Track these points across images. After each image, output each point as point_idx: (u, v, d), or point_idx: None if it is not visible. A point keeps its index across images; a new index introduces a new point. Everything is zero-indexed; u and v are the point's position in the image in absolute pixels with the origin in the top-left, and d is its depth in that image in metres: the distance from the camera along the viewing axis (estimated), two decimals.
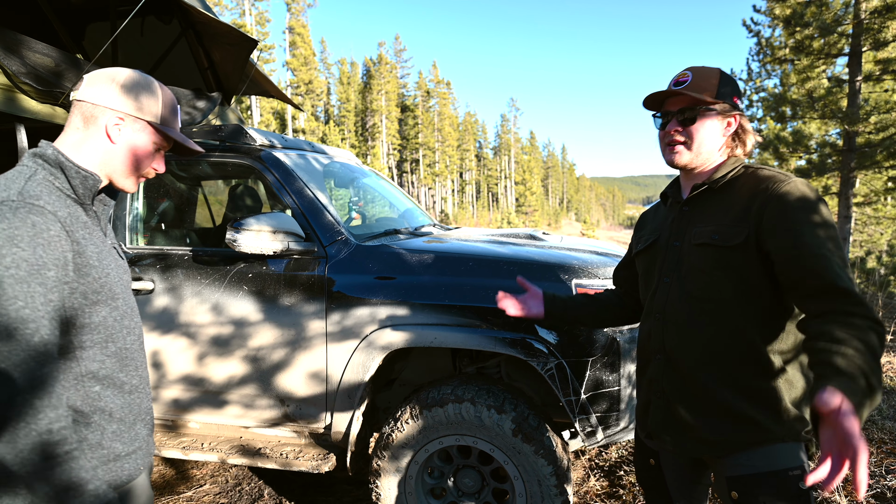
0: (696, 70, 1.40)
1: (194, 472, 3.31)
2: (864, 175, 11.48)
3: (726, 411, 1.32)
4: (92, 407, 1.12)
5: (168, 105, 1.24)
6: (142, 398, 1.26)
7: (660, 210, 1.61)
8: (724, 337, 1.32)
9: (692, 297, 1.36)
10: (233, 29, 3.46)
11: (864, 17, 8.60)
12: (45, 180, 1.09)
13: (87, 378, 1.11)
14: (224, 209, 3.88)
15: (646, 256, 1.54)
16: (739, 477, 1.31)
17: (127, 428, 1.19)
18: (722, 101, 1.37)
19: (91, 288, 1.10)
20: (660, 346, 1.43)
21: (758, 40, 10.72)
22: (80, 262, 1.07)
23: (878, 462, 2.98)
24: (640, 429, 1.54)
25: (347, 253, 2.38)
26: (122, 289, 1.22)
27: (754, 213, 1.27)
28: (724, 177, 1.39)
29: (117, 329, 1.18)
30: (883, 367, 4.77)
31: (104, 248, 1.18)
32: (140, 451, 1.23)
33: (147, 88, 1.20)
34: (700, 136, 1.38)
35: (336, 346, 2.31)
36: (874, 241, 15.64)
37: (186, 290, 2.45)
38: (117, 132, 1.17)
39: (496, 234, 3.06)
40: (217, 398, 2.48)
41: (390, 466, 2.27)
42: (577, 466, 3.27)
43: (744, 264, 1.29)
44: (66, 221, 1.06)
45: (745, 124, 1.43)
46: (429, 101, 56.72)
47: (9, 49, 2.36)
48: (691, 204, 1.44)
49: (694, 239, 1.38)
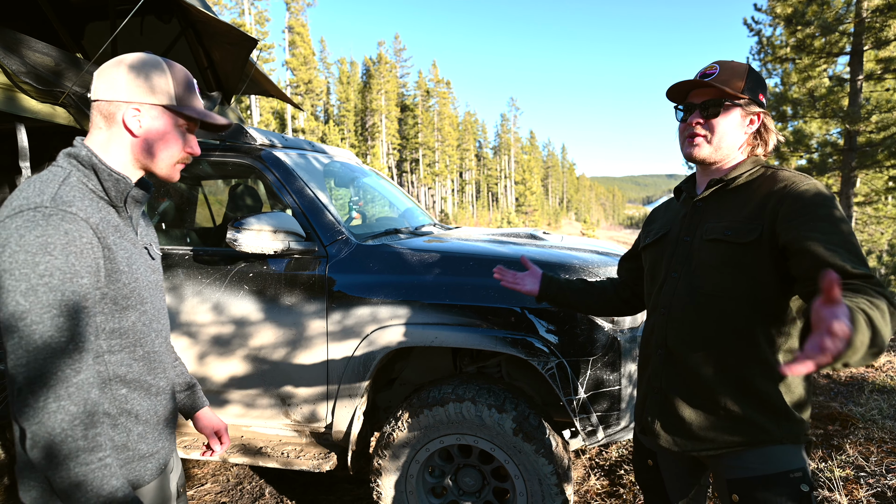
0: (724, 63, 1.37)
1: (195, 471, 3.31)
2: (864, 174, 11.48)
3: (724, 410, 1.31)
4: (119, 409, 1.12)
5: (182, 82, 1.18)
6: (168, 400, 1.26)
7: (671, 205, 1.59)
8: (729, 334, 1.31)
9: (700, 292, 1.34)
10: (233, 28, 3.45)
11: (866, 16, 8.59)
12: (78, 182, 1.08)
13: (114, 381, 1.11)
14: (224, 209, 3.88)
15: (654, 250, 1.52)
16: (740, 479, 1.31)
17: (152, 429, 1.20)
18: (748, 97, 1.34)
19: (121, 293, 1.10)
20: (662, 341, 1.42)
21: (759, 39, 10.71)
22: (110, 267, 1.07)
23: (879, 461, 2.98)
24: (636, 423, 1.54)
25: (348, 252, 2.37)
26: (151, 292, 1.21)
27: (770, 210, 1.25)
28: (741, 175, 1.37)
29: (146, 333, 1.17)
30: (884, 366, 4.77)
31: (135, 251, 1.17)
32: (162, 452, 1.23)
33: (155, 70, 1.15)
34: (721, 129, 1.35)
35: (337, 345, 2.31)
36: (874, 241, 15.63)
37: (187, 289, 2.45)
38: (137, 124, 1.14)
39: (497, 233, 3.06)
40: (218, 397, 2.48)
41: (391, 465, 2.27)
42: (577, 465, 3.26)
43: (755, 262, 1.27)
44: (98, 227, 1.05)
45: (769, 123, 1.40)
46: (428, 101, 56.70)
47: (8, 48, 2.36)
48: (706, 200, 1.42)
49: (706, 234, 1.35)
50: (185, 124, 1.19)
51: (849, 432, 3.42)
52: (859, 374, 4.65)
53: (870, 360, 0.92)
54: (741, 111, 1.35)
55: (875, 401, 3.90)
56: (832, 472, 2.86)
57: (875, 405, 3.80)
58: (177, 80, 1.17)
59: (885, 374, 4.54)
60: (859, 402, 3.94)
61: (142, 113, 1.14)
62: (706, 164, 1.41)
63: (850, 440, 3.29)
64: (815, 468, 2.97)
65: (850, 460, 3.02)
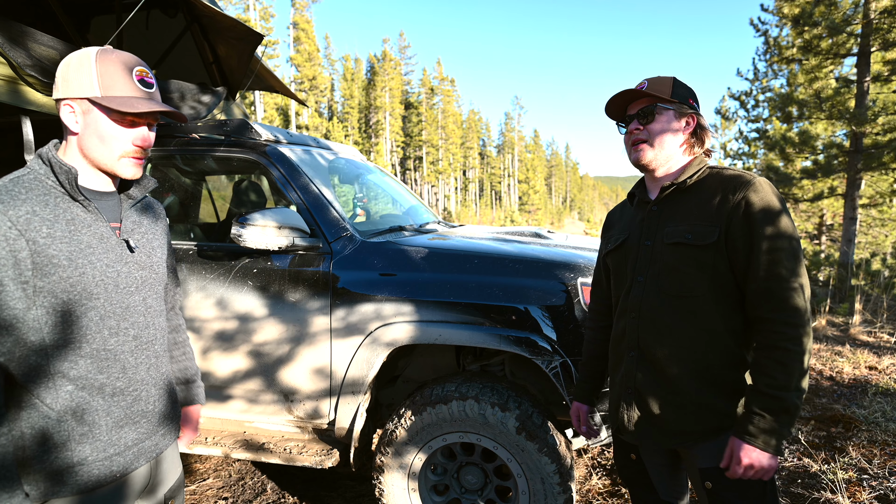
0: (652, 78, 1.51)
1: (198, 467, 3.31)
2: (870, 177, 11.42)
3: (697, 403, 1.40)
4: (63, 407, 1.11)
5: (110, 72, 1.13)
6: (132, 401, 1.21)
7: (626, 209, 1.66)
8: (698, 331, 1.39)
9: (667, 294, 1.42)
10: (238, 23, 3.44)
11: (874, 17, 8.53)
12: (35, 179, 1.11)
13: (57, 377, 1.10)
14: (227, 205, 3.88)
15: (616, 255, 1.60)
16: (712, 468, 1.39)
17: (105, 432, 1.16)
18: (678, 101, 1.46)
19: (59, 287, 1.08)
20: (634, 343, 1.49)
21: (765, 40, 10.65)
22: (39, 260, 1.06)
23: (882, 464, 2.97)
24: (613, 423, 1.61)
25: (352, 249, 2.37)
26: (108, 288, 1.16)
27: (725, 215, 1.35)
28: (690, 177, 1.45)
29: (95, 330, 1.14)
30: (887, 369, 4.75)
31: (96, 244, 1.15)
32: (120, 457, 1.19)
33: (83, 62, 1.12)
34: (658, 131, 1.46)
35: (340, 342, 2.30)
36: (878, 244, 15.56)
37: (191, 284, 2.45)
38: (73, 121, 1.14)
39: (501, 231, 3.05)
40: (221, 393, 2.48)
41: (394, 462, 2.27)
42: (579, 465, 3.26)
43: (716, 262, 1.36)
44: (20, 221, 1.04)
45: (703, 123, 1.51)
46: (433, 99, 56.63)
47: (14, 41, 2.36)
48: (661, 204, 1.50)
49: (667, 238, 1.43)
50: (118, 117, 1.15)
51: (852, 434, 3.41)
52: (862, 376, 4.64)
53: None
54: (674, 113, 1.47)
55: (878, 403, 3.89)
56: (835, 474, 2.85)
57: (878, 407, 3.78)
58: (102, 71, 1.12)
59: (889, 377, 4.53)
60: (862, 404, 3.93)
61: (75, 109, 1.14)
62: (652, 168, 1.50)
63: (852, 442, 3.27)
64: (817, 470, 2.96)
65: (852, 462, 3.01)
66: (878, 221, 13.72)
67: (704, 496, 1.43)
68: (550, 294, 2.16)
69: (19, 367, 1.07)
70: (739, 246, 1.33)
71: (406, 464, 2.26)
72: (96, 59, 1.12)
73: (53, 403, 1.10)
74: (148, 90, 1.18)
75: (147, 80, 1.18)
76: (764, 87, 11.56)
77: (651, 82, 1.50)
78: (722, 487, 1.38)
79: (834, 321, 7.03)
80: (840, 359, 5.15)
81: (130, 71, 1.16)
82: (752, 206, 1.32)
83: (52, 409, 1.10)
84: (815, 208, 13.66)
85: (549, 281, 2.17)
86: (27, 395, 1.09)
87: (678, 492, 1.63)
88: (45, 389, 1.09)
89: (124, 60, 1.16)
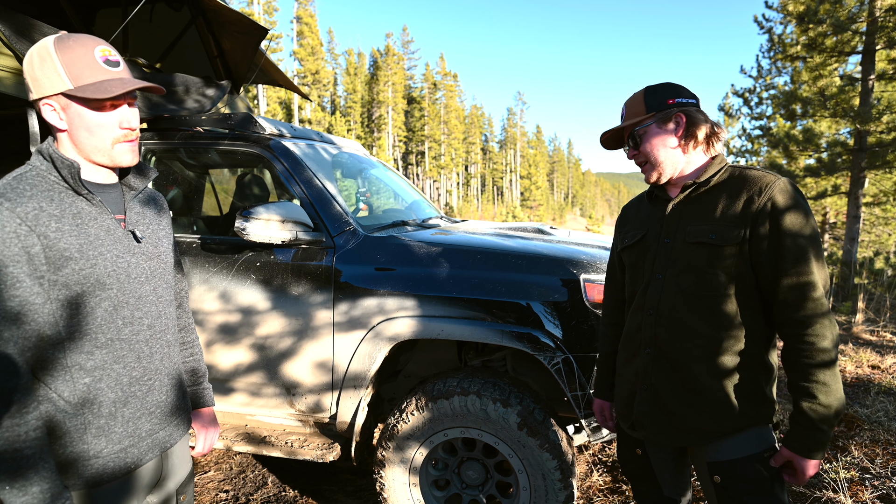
0: (627, 102, 1.54)
1: (198, 459, 3.32)
2: (873, 175, 11.39)
3: (714, 402, 1.39)
4: (80, 399, 1.11)
5: (74, 60, 1.09)
6: (147, 391, 1.23)
7: (643, 204, 1.65)
8: (716, 330, 1.39)
9: (687, 293, 1.42)
10: (243, 16, 3.44)
11: (879, 15, 8.49)
12: (38, 175, 1.11)
13: (74, 369, 1.10)
14: (231, 198, 3.88)
15: (634, 252, 1.59)
16: (721, 462, 1.40)
17: (121, 423, 1.17)
18: (654, 112, 1.46)
19: (73, 279, 1.09)
20: (651, 340, 1.48)
21: (769, 37, 10.59)
22: (51, 255, 1.06)
23: (884, 463, 2.97)
24: (623, 419, 1.60)
25: (355, 244, 2.37)
26: (120, 278, 1.17)
27: (751, 217, 1.34)
28: (711, 178, 1.44)
29: (109, 320, 1.15)
30: (890, 367, 4.75)
31: (105, 236, 1.16)
32: (134, 448, 1.20)
33: (40, 58, 1.09)
34: (650, 149, 1.48)
35: (343, 336, 2.31)
36: (882, 242, 15.54)
37: (194, 277, 2.45)
38: (57, 118, 1.13)
39: (504, 227, 3.05)
40: (223, 386, 2.49)
41: (395, 457, 2.27)
42: (580, 461, 3.27)
43: (738, 262, 1.36)
44: (29, 216, 1.04)
45: (692, 112, 1.49)
46: (435, 94, 56.53)
47: (20, 33, 2.36)
48: (682, 202, 1.49)
49: (688, 237, 1.43)
50: (97, 103, 1.13)
51: (854, 434, 3.41)
52: (865, 375, 4.63)
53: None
54: (654, 126, 1.47)
55: (881, 402, 3.89)
56: (837, 473, 2.85)
57: (881, 407, 3.78)
58: (70, 59, 1.09)
59: (892, 376, 4.52)
60: (865, 403, 3.92)
61: (54, 107, 1.13)
62: (663, 183, 1.52)
63: (855, 442, 3.28)
64: (819, 469, 2.96)
65: (855, 462, 3.01)
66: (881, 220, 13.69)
67: (712, 490, 1.43)
68: (553, 290, 2.16)
69: (37, 362, 1.08)
70: (764, 248, 1.33)
71: (407, 458, 2.27)
72: (56, 51, 1.08)
73: (71, 396, 1.10)
74: (116, 69, 1.15)
75: (112, 60, 1.14)
76: (768, 85, 11.51)
77: (627, 107, 1.53)
78: (731, 481, 1.39)
79: (837, 320, 7.02)
80: (843, 358, 5.14)
81: (94, 53, 1.12)
82: (778, 209, 1.32)
83: (69, 402, 1.10)
84: (818, 206, 13.63)
85: (551, 277, 2.17)
86: (43, 390, 1.10)
87: (682, 487, 1.63)
88: (62, 382, 1.10)
89: (84, 44, 1.12)
